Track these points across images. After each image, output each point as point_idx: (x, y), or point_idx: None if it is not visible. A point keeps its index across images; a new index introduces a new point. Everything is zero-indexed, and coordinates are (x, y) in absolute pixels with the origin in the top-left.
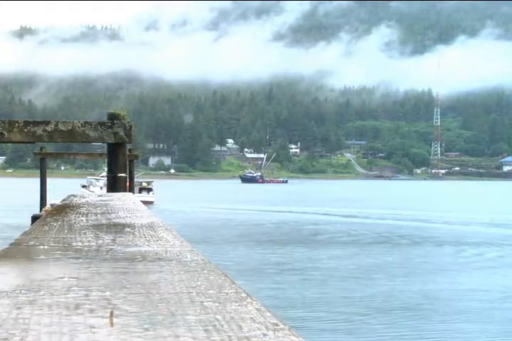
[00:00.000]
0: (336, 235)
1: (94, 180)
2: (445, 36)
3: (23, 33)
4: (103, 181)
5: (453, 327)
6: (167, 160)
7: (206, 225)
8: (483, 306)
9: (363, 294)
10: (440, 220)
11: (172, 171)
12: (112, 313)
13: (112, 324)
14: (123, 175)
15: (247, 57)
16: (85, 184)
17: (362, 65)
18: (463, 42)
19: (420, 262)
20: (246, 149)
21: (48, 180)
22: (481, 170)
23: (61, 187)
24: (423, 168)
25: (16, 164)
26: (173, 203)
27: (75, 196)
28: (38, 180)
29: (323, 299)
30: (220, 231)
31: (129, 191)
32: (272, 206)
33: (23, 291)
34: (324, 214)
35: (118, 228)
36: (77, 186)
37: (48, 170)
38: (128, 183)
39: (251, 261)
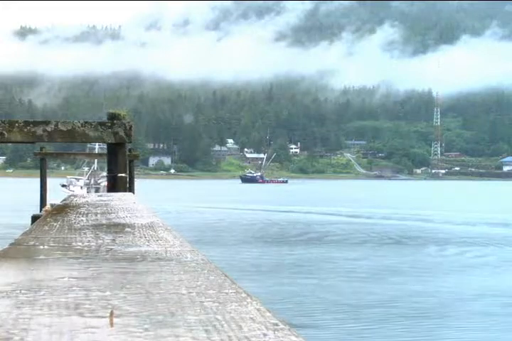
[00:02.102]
0: (342, 235)
1: (74, 180)
2: (445, 36)
3: (23, 33)
4: (83, 180)
5: (463, 329)
6: (167, 160)
7: (182, 224)
8: (493, 307)
9: (371, 294)
10: (445, 220)
11: (172, 171)
12: (112, 313)
13: (111, 324)
14: (123, 175)
15: (248, 57)
16: (65, 183)
17: (363, 65)
18: (463, 42)
19: (429, 262)
20: (246, 149)
21: (48, 180)
22: (481, 170)
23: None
24: (423, 168)
25: (15, 164)
26: (154, 202)
27: (75, 196)
28: (38, 180)
29: (329, 299)
30: (194, 231)
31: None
32: (277, 206)
33: (23, 291)
34: (328, 214)
35: (118, 228)
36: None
37: (47, 170)
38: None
39: (254, 261)
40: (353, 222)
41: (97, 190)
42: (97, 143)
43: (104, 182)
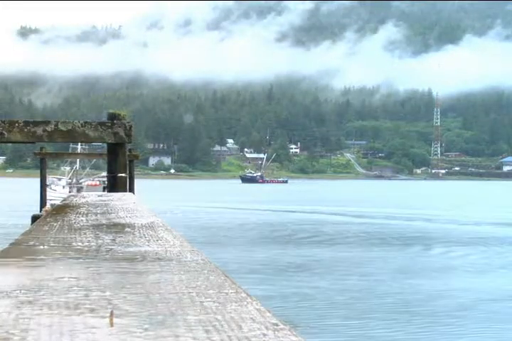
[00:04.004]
0: (348, 235)
1: (55, 179)
2: (445, 36)
3: (23, 33)
4: (65, 180)
5: (474, 331)
6: (167, 160)
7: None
8: (497, 308)
9: (378, 294)
10: (449, 220)
11: (172, 171)
12: (112, 313)
13: (111, 324)
14: (123, 175)
15: (250, 57)
16: (46, 183)
17: (363, 65)
18: (465, 42)
19: (437, 263)
20: (246, 149)
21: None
22: (481, 170)
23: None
24: (423, 168)
25: (16, 164)
26: (154, 202)
27: (75, 196)
28: (38, 180)
29: (335, 299)
30: (195, 231)
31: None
32: (279, 206)
33: (23, 291)
34: (333, 213)
35: (118, 228)
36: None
37: (47, 170)
38: (95, 183)
39: (258, 261)
40: (359, 222)
41: (79, 190)
42: (79, 144)
43: (86, 182)
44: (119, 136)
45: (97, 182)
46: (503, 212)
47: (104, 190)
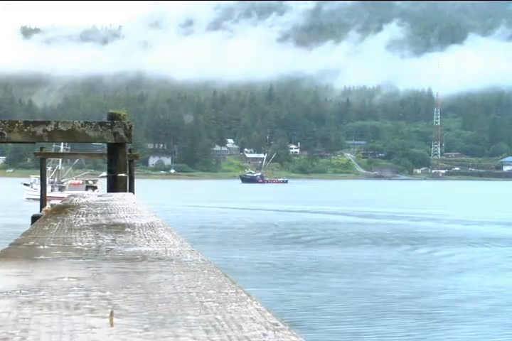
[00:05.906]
0: (353, 235)
1: (37, 179)
2: (445, 37)
3: (23, 33)
4: (47, 179)
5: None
6: (167, 160)
7: None
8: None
9: (386, 296)
10: (453, 220)
11: (172, 171)
12: (112, 313)
13: (111, 324)
14: (123, 175)
15: (251, 57)
16: (27, 182)
17: (364, 65)
18: (467, 42)
19: (443, 262)
20: (246, 149)
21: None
22: (481, 170)
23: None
24: (423, 168)
25: (16, 164)
26: (155, 202)
27: (75, 196)
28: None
29: (337, 300)
30: (196, 231)
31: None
32: (281, 205)
33: (23, 291)
34: (337, 213)
35: (118, 228)
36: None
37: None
38: (78, 183)
39: (262, 262)
40: (362, 222)
41: (61, 189)
42: (61, 144)
43: (69, 181)
44: (119, 136)
45: (80, 182)
46: (504, 211)
47: (86, 189)
